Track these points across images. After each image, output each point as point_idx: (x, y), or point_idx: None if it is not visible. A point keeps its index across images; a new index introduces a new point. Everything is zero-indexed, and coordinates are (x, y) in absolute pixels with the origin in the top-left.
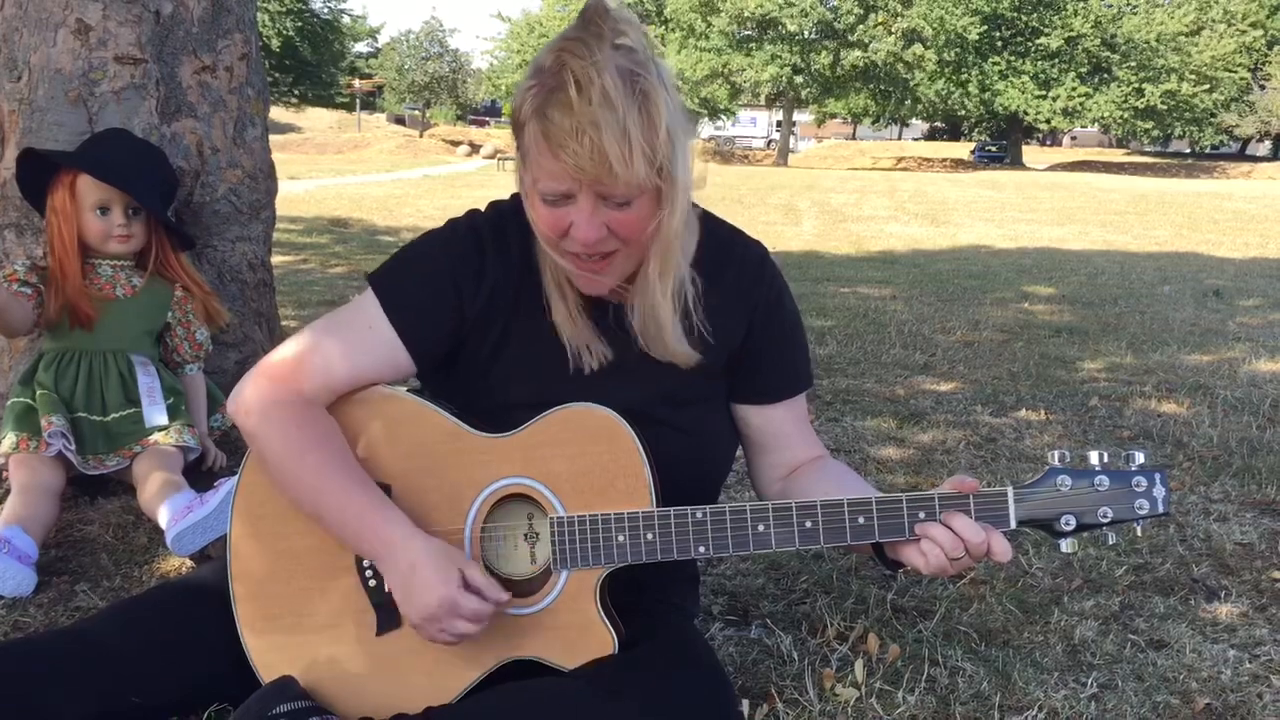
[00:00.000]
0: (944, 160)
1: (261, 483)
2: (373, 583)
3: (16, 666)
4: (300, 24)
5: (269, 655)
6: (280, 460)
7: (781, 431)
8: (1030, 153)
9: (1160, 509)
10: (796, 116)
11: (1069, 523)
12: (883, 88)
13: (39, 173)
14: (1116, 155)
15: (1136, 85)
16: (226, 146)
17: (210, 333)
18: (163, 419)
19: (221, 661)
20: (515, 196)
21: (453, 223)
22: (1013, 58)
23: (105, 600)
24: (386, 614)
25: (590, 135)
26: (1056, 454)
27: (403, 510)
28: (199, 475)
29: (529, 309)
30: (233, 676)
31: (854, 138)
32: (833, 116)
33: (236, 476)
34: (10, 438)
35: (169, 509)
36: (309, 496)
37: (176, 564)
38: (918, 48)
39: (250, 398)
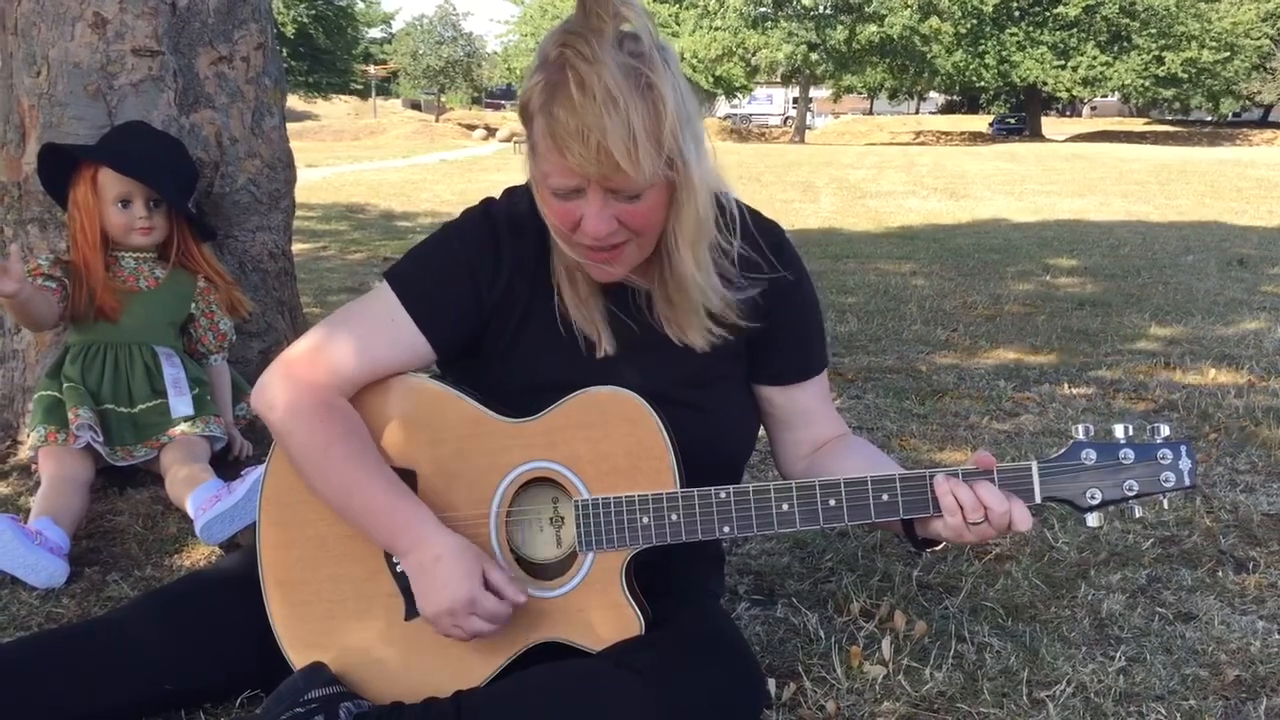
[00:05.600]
0: (962, 133)
1: (288, 471)
2: (400, 568)
3: (52, 658)
4: (314, 11)
5: (299, 642)
6: (306, 456)
7: (804, 410)
8: (1049, 124)
9: (1186, 481)
10: (813, 92)
11: (1094, 497)
12: (899, 61)
13: (60, 167)
14: (1137, 124)
15: (1156, 53)
16: (245, 136)
17: (233, 323)
18: (188, 409)
19: (252, 649)
20: (529, 182)
21: (467, 212)
22: (1030, 28)
23: (137, 590)
24: (414, 599)
25: (596, 136)
26: (1081, 428)
27: (427, 496)
28: (225, 464)
29: (547, 293)
30: (264, 663)
31: (871, 113)
32: (849, 91)
33: (263, 465)
34: (39, 431)
35: (197, 498)
36: (335, 492)
37: (206, 553)
38: (934, 20)
39: (274, 393)
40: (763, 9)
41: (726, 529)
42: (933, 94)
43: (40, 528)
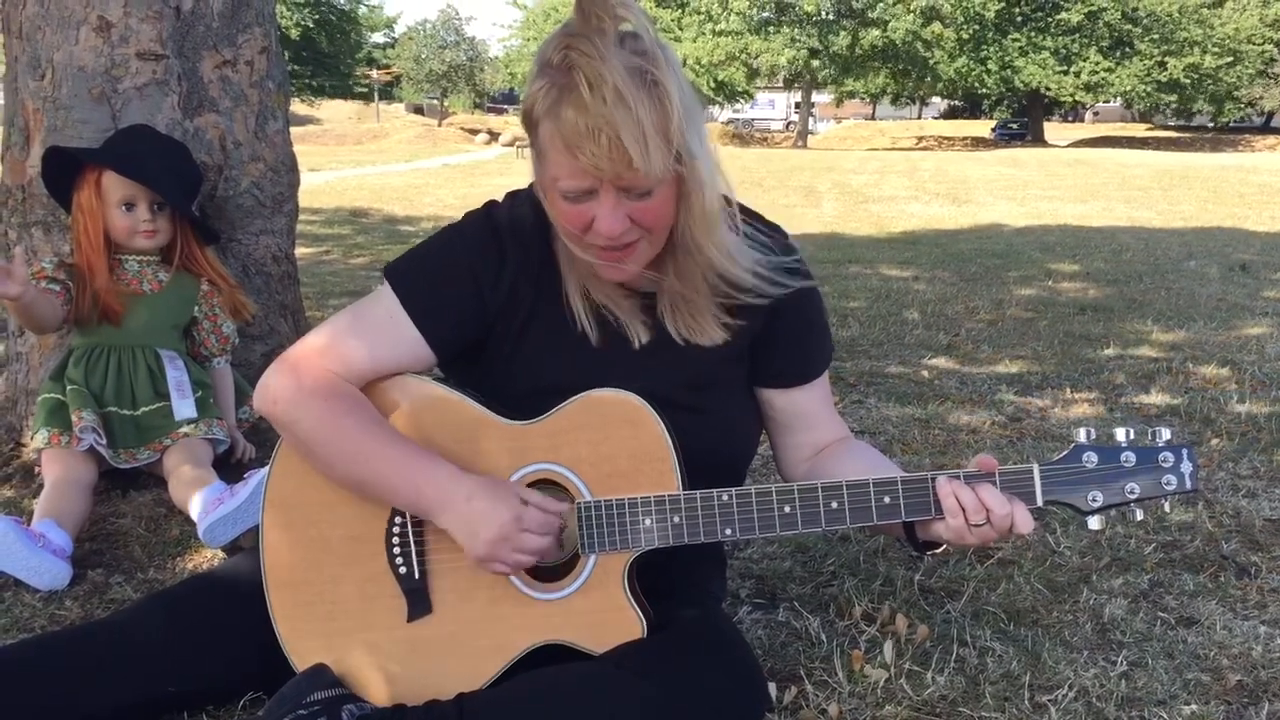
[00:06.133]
0: (964, 138)
1: (292, 473)
2: (403, 569)
3: (55, 659)
4: (318, 16)
5: (302, 644)
6: (314, 435)
7: (806, 412)
8: (1052, 129)
9: (1188, 485)
10: (815, 97)
11: (1096, 500)
12: (902, 67)
13: (64, 170)
14: (1139, 130)
15: (1159, 59)
16: (248, 140)
17: (236, 326)
18: (191, 412)
19: (255, 651)
20: (532, 185)
21: (470, 215)
22: (1033, 34)
23: (139, 592)
24: (416, 600)
25: (607, 134)
26: (1083, 431)
27: None
28: (228, 467)
29: (550, 296)
30: (266, 666)
31: (873, 117)
32: (851, 96)
33: (267, 468)
34: (42, 433)
35: (200, 501)
36: (349, 462)
37: (209, 555)
38: (936, 26)
39: (276, 387)
40: (765, 15)
41: (728, 531)
42: (935, 99)
43: (43, 530)
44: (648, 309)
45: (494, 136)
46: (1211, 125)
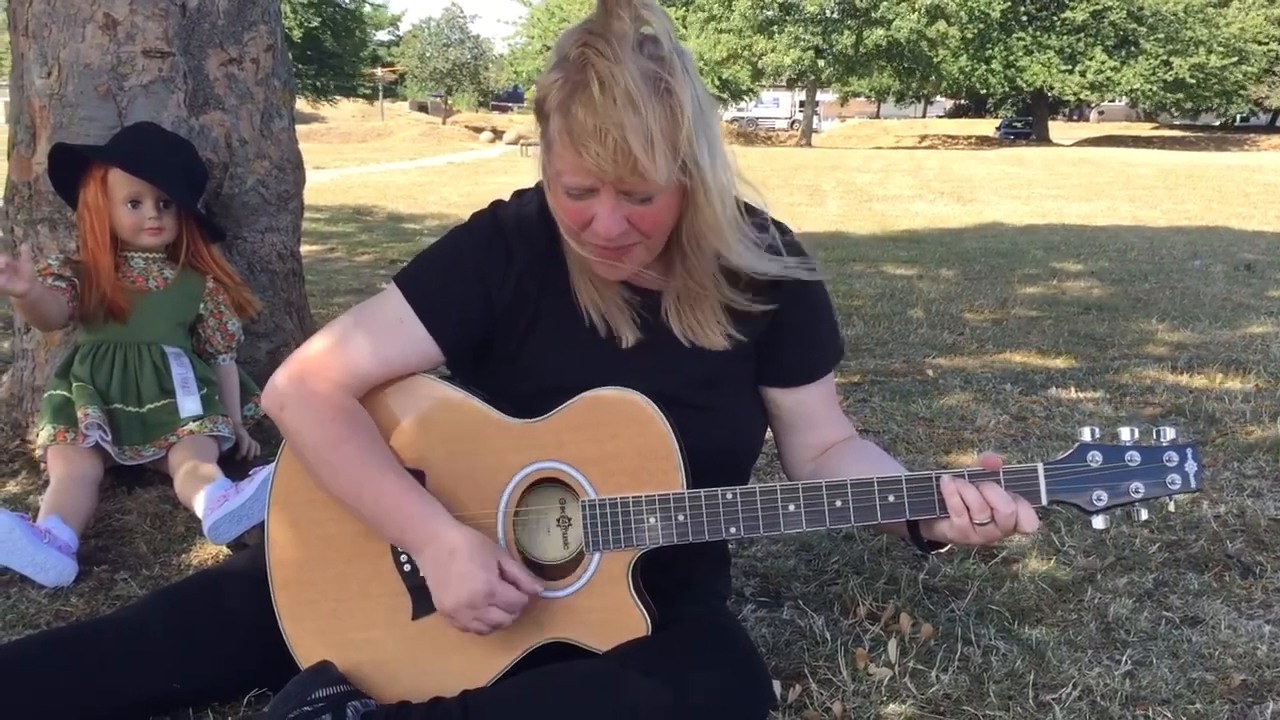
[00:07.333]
0: (969, 137)
1: (297, 470)
2: (408, 567)
3: (60, 656)
4: (323, 16)
5: (306, 641)
6: (315, 452)
7: (811, 412)
8: (1057, 128)
9: (1193, 484)
10: (820, 96)
11: (1100, 499)
12: (906, 66)
13: (70, 167)
14: (1144, 129)
15: (1164, 58)
16: (254, 138)
17: (242, 323)
18: (197, 409)
19: (259, 648)
20: (539, 184)
21: (476, 215)
22: (1038, 32)
23: (145, 588)
24: (421, 598)
25: (614, 136)
26: (1087, 430)
27: (436, 496)
28: (234, 464)
29: (556, 294)
30: (271, 663)
31: (878, 116)
32: (856, 95)
33: (272, 464)
34: (48, 430)
35: (205, 498)
36: (345, 487)
37: (214, 552)
38: (941, 24)
39: (284, 392)
40: (769, 14)
41: (733, 530)
42: (940, 98)
43: (49, 526)
44: (650, 308)
45: (498, 135)
46: (1217, 124)
